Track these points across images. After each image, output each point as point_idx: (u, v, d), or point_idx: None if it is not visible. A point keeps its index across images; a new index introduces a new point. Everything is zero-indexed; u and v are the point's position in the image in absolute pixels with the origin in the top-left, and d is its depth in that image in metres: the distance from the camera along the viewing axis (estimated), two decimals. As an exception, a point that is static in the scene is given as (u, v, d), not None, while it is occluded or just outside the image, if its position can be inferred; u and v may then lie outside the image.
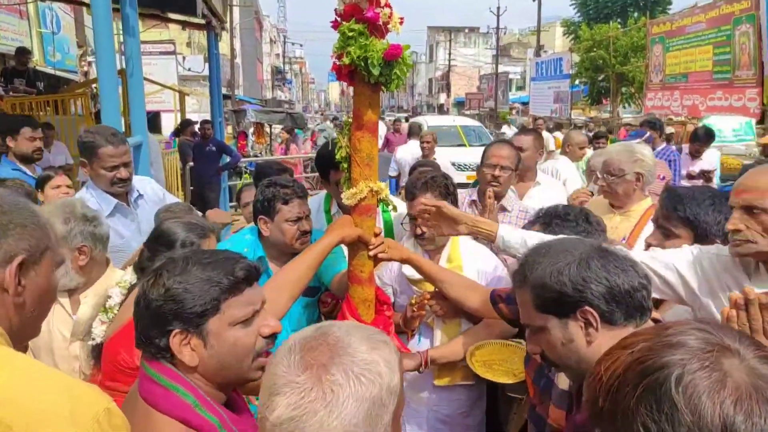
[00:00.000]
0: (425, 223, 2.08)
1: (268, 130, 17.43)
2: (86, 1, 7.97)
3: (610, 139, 7.92)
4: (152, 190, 3.07)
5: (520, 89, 40.98)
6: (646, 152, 2.92)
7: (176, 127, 11.41)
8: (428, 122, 14.32)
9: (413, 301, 2.19)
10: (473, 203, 3.10)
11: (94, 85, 8.01)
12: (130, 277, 1.96)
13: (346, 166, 1.82)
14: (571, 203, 2.91)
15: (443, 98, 52.84)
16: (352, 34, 1.64)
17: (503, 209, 2.98)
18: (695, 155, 6.33)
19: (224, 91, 23.19)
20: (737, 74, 13.65)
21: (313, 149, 14.00)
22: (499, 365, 2.12)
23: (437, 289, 2.13)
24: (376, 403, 0.85)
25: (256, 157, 13.57)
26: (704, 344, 0.76)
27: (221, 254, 1.23)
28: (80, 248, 2.03)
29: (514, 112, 30.01)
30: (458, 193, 2.49)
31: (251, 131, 17.47)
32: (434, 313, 2.25)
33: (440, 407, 2.32)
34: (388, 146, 11.57)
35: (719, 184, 6.35)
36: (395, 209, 1.87)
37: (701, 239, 1.96)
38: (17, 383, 0.94)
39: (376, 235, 1.86)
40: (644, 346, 0.80)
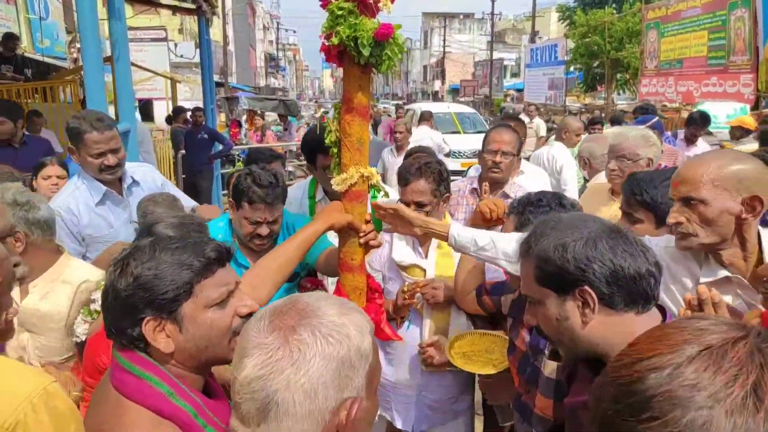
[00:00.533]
0: (386, 220, 2.02)
1: (261, 117, 17.27)
2: (74, -15, 7.81)
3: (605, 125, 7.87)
4: (152, 178, 2.96)
5: (514, 76, 40.81)
6: (656, 138, 2.92)
7: (168, 114, 11.29)
8: (423, 109, 14.25)
9: (405, 288, 2.16)
10: (474, 191, 3.06)
11: (83, 71, 7.89)
12: None
13: (335, 150, 1.77)
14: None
15: (438, 85, 52.58)
16: (341, 12, 1.58)
17: (506, 196, 2.93)
18: (691, 140, 6.30)
19: (217, 78, 22.96)
20: (732, 60, 13.59)
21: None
22: (478, 356, 2.11)
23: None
24: (345, 363, 0.86)
25: (248, 145, 13.47)
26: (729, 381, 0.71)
27: (189, 238, 1.22)
28: (15, 235, 1.94)
29: (508, 99, 29.87)
30: (455, 180, 2.45)
31: (244, 119, 17.33)
32: (425, 300, 2.22)
33: (428, 392, 2.30)
34: (390, 133, 11.35)
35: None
36: (387, 195, 1.82)
37: (662, 222, 1.93)
38: None
39: (367, 222, 1.81)
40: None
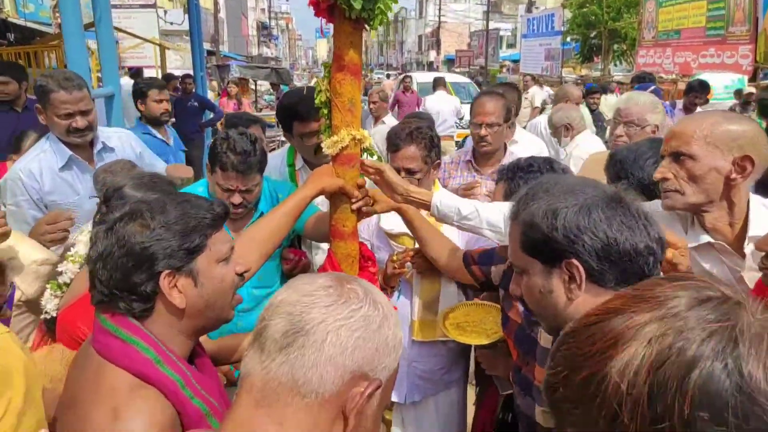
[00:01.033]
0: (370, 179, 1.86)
1: (253, 87, 17.00)
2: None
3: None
4: (130, 146, 2.82)
5: (511, 47, 40.25)
6: (662, 105, 2.87)
7: (157, 82, 11.04)
8: (417, 78, 14.04)
9: (395, 257, 2.10)
10: (469, 164, 2.98)
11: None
12: (83, 250, 1.81)
13: (326, 112, 1.68)
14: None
15: (433, 55, 51.88)
16: (331, -38, 1.48)
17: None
18: (690, 108, 6.22)
19: (208, 47, 22.50)
20: (731, 30, 13.44)
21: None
22: (472, 327, 2.07)
23: (417, 242, 2.03)
24: (383, 338, 0.84)
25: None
26: (722, 311, 0.61)
27: (190, 196, 1.20)
28: None
29: (504, 69, 29.52)
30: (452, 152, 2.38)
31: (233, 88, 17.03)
32: (416, 269, 2.16)
33: (419, 363, 2.26)
34: (399, 107, 10.62)
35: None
36: (380, 159, 1.73)
37: (653, 197, 1.84)
38: None
39: (359, 186, 1.73)
40: (660, 330, 0.60)
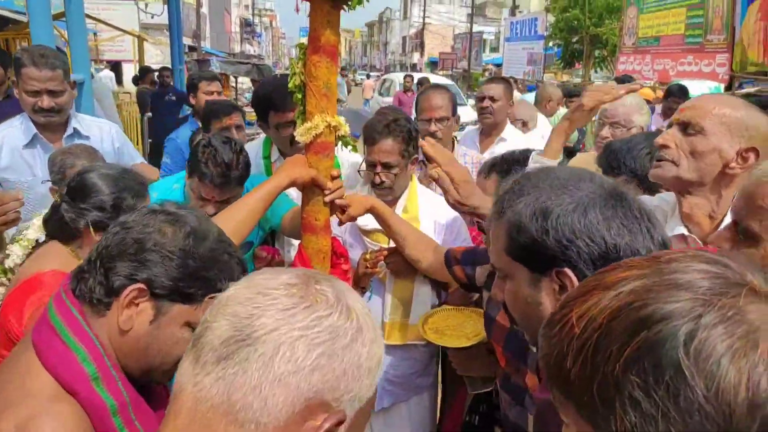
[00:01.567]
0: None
1: (233, 84, 16.75)
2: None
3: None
4: (110, 139, 2.71)
5: (494, 50, 40.47)
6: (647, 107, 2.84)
7: (135, 74, 10.83)
8: (399, 79, 13.99)
9: (368, 256, 2.01)
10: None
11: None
12: (35, 234, 1.69)
13: (300, 96, 1.58)
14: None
15: (416, 57, 51.93)
16: (306, -65, 1.38)
17: None
18: (668, 114, 6.23)
19: (190, 42, 22.17)
20: (708, 38, 13.62)
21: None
22: (451, 330, 2.00)
23: (394, 243, 1.93)
24: (353, 358, 0.66)
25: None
26: (723, 286, 0.56)
27: (233, 249, 1.08)
28: None
29: (487, 73, 29.67)
30: None
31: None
32: (389, 269, 2.08)
33: (391, 368, 2.16)
34: (400, 107, 10.74)
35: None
36: (355, 150, 1.64)
37: (649, 190, 1.82)
38: None
39: (333, 178, 1.64)
40: (638, 285, 0.58)
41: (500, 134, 3.40)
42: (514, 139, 3.45)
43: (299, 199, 1.88)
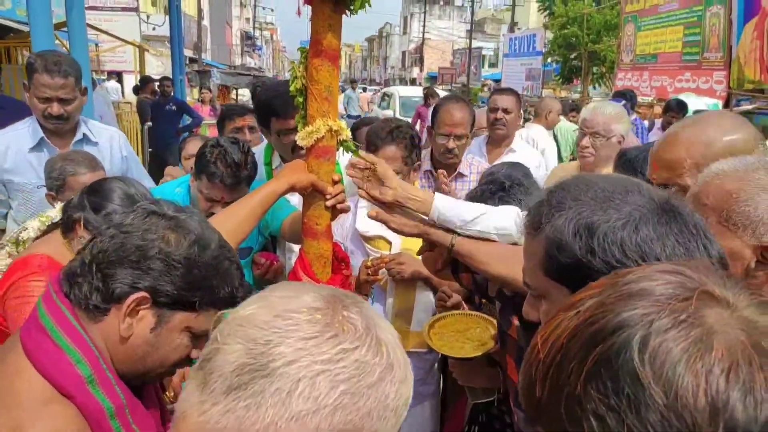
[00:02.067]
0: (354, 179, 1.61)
1: (234, 96, 16.84)
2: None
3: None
4: (118, 147, 2.74)
5: (492, 66, 40.76)
6: (627, 115, 2.87)
7: (135, 84, 10.88)
8: (399, 92, 14.08)
9: (369, 263, 1.99)
10: (428, 174, 2.79)
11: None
12: (54, 213, 1.69)
13: (301, 100, 1.58)
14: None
15: (416, 72, 52.27)
16: (311, -61, 1.39)
17: (460, 175, 2.74)
18: (667, 128, 6.27)
19: (191, 54, 22.30)
20: (705, 56, 13.73)
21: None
22: (456, 336, 1.96)
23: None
24: (380, 398, 0.60)
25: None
26: (677, 290, 0.54)
27: (236, 259, 1.08)
28: None
29: (485, 88, 29.85)
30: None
31: (216, 95, 16.90)
32: (391, 277, 2.06)
33: None
34: (420, 121, 9.74)
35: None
36: (356, 155, 1.63)
37: None
38: None
39: (335, 182, 1.63)
40: (594, 302, 0.57)
41: (510, 145, 3.42)
42: (523, 150, 3.44)
43: (300, 204, 1.87)
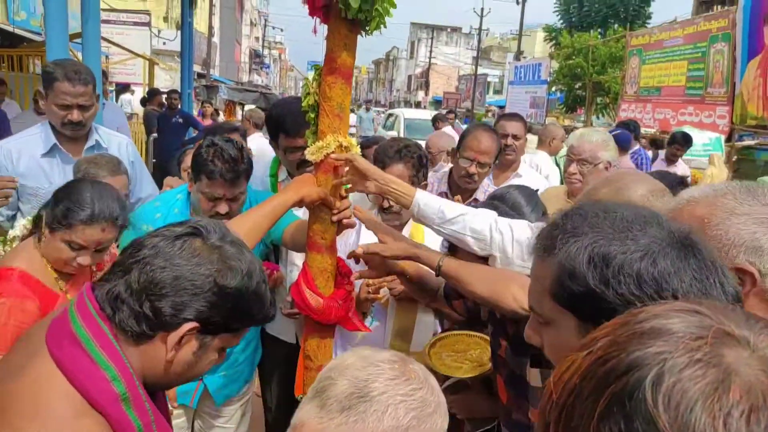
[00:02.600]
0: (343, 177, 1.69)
1: (240, 112, 16.99)
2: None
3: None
4: (126, 153, 2.78)
5: (497, 93, 41.19)
6: (613, 141, 2.85)
7: (143, 96, 11.00)
8: (404, 114, 14.21)
9: (370, 281, 1.99)
10: (444, 195, 2.84)
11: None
12: (14, 233, 1.70)
13: (313, 116, 1.61)
14: None
15: (421, 95, 52.76)
16: (329, -41, 1.43)
17: (475, 201, 2.77)
18: (672, 160, 6.30)
19: (199, 69, 22.55)
20: (709, 91, 13.85)
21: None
22: (455, 356, 1.95)
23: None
24: (433, 424, 0.84)
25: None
26: (693, 329, 0.52)
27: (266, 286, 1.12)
28: None
29: (490, 114, 30.10)
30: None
31: (223, 110, 17.05)
32: (392, 295, 2.06)
33: None
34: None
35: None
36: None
37: None
38: None
39: (342, 197, 1.65)
40: (606, 341, 0.55)
41: (516, 170, 3.43)
42: (529, 175, 3.47)
43: (304, 215, 1.89)
